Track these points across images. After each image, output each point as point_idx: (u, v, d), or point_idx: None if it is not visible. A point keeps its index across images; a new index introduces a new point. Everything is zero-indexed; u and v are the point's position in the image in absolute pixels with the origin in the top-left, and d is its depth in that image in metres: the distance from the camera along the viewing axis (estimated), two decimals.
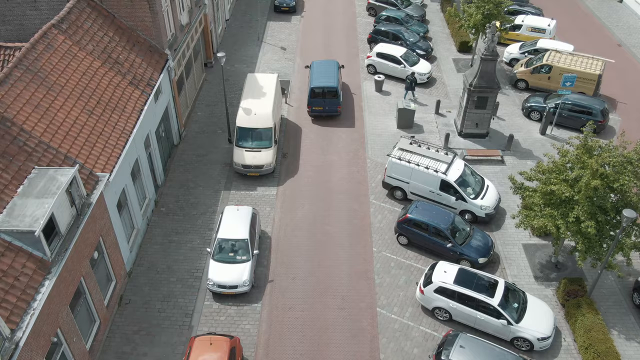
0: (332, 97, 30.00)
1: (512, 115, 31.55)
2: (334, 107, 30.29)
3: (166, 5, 26.37)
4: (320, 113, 30.56)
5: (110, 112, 21.10)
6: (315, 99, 30.12)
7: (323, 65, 31.91)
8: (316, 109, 30.38)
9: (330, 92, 29.96)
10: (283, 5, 42.26)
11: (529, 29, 37.30)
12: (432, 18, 42.26)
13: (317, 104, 30.17)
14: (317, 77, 30.58)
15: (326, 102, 30.10)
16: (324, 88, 29.92)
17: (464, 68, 35.89)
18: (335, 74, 30.84)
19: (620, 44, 39.13)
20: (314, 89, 30.00)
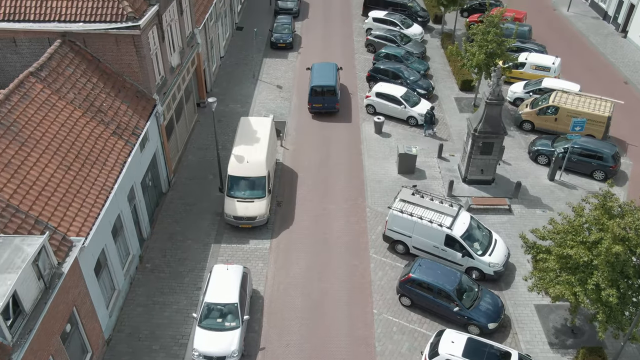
0: (330, 96, 32.76)
1: (518, 159, 30.09)
2: (333, 105, 33.00)
3: (155, 47, 25.10)
4: (320, 110, 33.30)
5: (90, 167, 19.58)
6: (315, 97, 32.86)
7: (323, 66, 34.64)
8: (316, 106, 33.15)
9: (329, 91, 32.64)
10: (280, 41, 41.20)
11: (532, 67, 36.11)
12: (432, 54, 41.18)
13: (317, 101, 32.96)
14: (317, 77, 33.33)
15: (325, 99, 32.89)
16: (324, 87, 32.65)
17: (466, 108, 34.59)
18: (334, 75, 33.60)
19: (627, 81, 37.95)
20: (314, 87, 32.67)
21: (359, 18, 46.84)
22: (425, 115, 31.70)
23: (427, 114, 31.54)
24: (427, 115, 31.57)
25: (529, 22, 44.54)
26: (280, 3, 46.46)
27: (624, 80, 38.00)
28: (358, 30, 44.80)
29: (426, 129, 31.77)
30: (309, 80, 34.77)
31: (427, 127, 31.75)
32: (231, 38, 42.86)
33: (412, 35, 41.78)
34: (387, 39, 40.51)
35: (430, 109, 31.74)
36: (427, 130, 31.74)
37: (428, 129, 31.77)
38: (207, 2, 34.88)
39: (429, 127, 31.80)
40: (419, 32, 42.44)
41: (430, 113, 31.53)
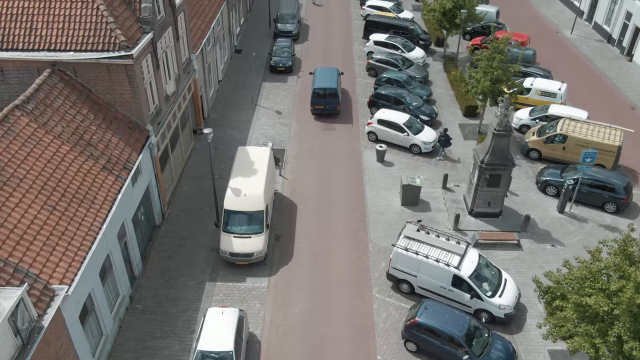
0: (332, 98, 34.24)
1: (526, 189, 29.02)
2: (334, 106, 34.50)
3: (149, 76, 24.15)
4: (322, 111, 34.71)
5: (77, 206, 18.46)
6: (317, 99, 34.32)
7: (325, 71, 36.43)
8: (318, 108, 34.58)
9: (331, 93, 34.17)
10: (279, 65, 40.35)
11: (538, 93, 35.20)
12: (434, 78, 40.32)
13: (320, 103, 34.45)
14: (320, 81, 34.99)
15: (327, 101, 34.38)
16: (325, 89, 34.27)
17: (470, 135, 33.61)
18: (336, 79, 35.18)
19: (634, 107, 37.04)
20: (316, 90, 34.21)
21: (360, 41, 46.11)
22: (440, 138, 31.12)
23: (441, 136, 31.02)
24: (441, 137, 31.00)
25: (532, 45, 43.81)
26: (280, 25, 45.74)
27: (631, 106, 37.10)
28: (359, 54, 44.02)
29: (441, 152, 31.27)
30: (311, 84, 36.34)
31: (442, 150, 31.28)
32: (230, 61, 42.03)
33: (414, 59, 40.98)
34: (389, 63, 39.67)
35: (443, 131, 31.27)
36: (441, 153, 31.32)
37: (442, 152, 31.34)
38: (205, 26, 34.07)
39: (443, 149, 31.37)
40: (421, 55, 41.65)
41: (445, 135, 30.93)
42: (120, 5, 23.27)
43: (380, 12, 48.08)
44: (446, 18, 40.06)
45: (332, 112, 34.76)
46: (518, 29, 47.91)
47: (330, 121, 34.93)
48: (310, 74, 38.21)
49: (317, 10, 52.39)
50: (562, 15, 52.75)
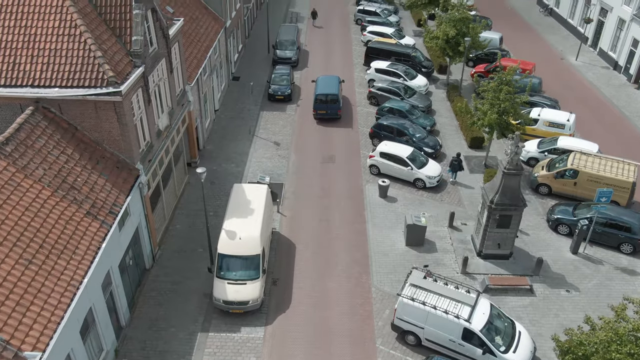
0: (333, 103, 36.21)
1: (536, 227, 27.59)
2: (335, 111, 36.47)
3: (140, 112, 22.87)
4: (324, 116, 36.60)
5: (56, 258, 17.01)
6: (320, 105, 36.29)
7: (327, 79, 38.53)
8: (320, 113, 36.50)
9: (332, 99, 36.11)
10: (277, 93, 39.20)
11: (546, 124, 33.96)
12: (438, 108, 39.14)
13: (322, 108, 36.41)
14: (322, 87, 36.98)
15: (329, 106, 36.35)
16: (327, 95, 36.24)
17: (477, 168, 32.28)
18: (337, 86, 37.21)
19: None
20: (319, 96, 36.25)
21: (361, 67, 45.06)
22: (452, 162, 30.52)
23: (454, 160, 30.49)
24: (454, 161, 30.45)
25: (537, 73, 42.75)
26: (279, 52, 44.73)
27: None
28: (360, 81, 42.92)
29: (453, 177, 30.84)
30: (314, 91, 38.13)
31: (454, 175, 30.81)
32: (227, 89, 40.89)
33: (416, 87, 39.87)
34: (391, 92, 38.51)
35: (456, 155, 30.76)
36: (453, 177, 30.92)
37: (454, 176, 30.89)
38: (201, 55, 32.96)
39: (455, 174, 30.88)
40: (424, 83, 40.55)
41: (458, 159, 30.43)
42: (109, 38, 22.11)
43: (382, 39, 47.13)
44: (449, 46, 39.03)
45: (334, 117, 36.64)
46: (522, 56, 46.85)
47: (331, 154, 33.66)
48: (312, 81, 40.30)
49: (317, 35, 51.48)
50: (566, 41, 51.85)
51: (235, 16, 43.21)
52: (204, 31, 35.20)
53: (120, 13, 22.57)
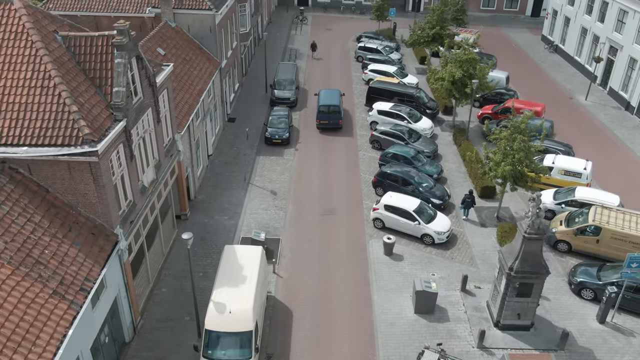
0: (335, 114, 38.91)
1: (557, 291, 25.13)
2: (337, 121, 38.98)
3: (120, 170, 20.67)
4: (326, 125, 39.08)
5: (12, 353, 14.52)
6: (322, 115, 38.89)
7: (329, 92, 41.07)
8: (323, 122, 39.02)
9: (334, 110, 38.87)
10: (275, 137, 37.13)
11: (561, 172, 31.80)
12: (444, 152, 37.04)
13: (324, 118, 38.94)
14: (324, 99, 39.69)
15: (330, 116, 38.87)
16: (329, 106, 38.93)
17: (489, 221, 29.97)
18: (338, 98, 40.06)
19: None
20: (321, 107, 38.99)
21: (362, 108, 43.15)
22: (465, 199, 29.81)
23: (466, 197, 29.78)
24: (466, 198, 29.74)
25: (547, 115, 40.77)
26: (277, 92, 42.87)
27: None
28: (361, 123, 40.94)
29: (465, 214, 30.10)
30: (316, 103, 40.73)
31: (466, 212, 30.08)
32: (222, 132, 38.85)
33: (421, 130, 37.88)
34: (394, 136, 36.45)
35: (469, 192, 30.04)
36: (466, 214, 30.15)
37: (466, 214, 30.14)
38: (193, 100, 30.97)
39: (468, 211, 30.14)
40: (429, 126, 38.56)
41: (471, 196, 29.75)
42: (88, 89, 20.04)
43: (383, 78, 45.39)
44: (455, 87, 37.15)
45: (335, 127, 39.00)
46: (530, 96, 45.15)
47: (332, 206, 31.39)
48: (315, 94, 42.67)
49: (317, 72, 49.74)
50: (574, 79, 50.18)
51: (232, 55, 41.49)
52: (197, 73, 33.31)
53: (101, 62, 20.58)
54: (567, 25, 54.65)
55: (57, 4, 35.46)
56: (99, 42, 20.64)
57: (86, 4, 35.42)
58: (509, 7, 68.93)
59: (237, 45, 43.51)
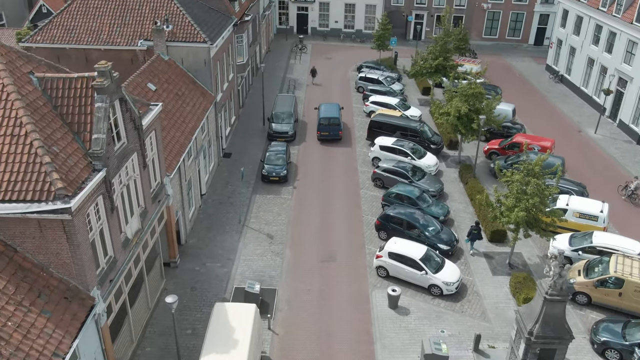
0: (335, 126, 40.80)
1: (579, 350, 23.01)
2: (336, 132, 40.85)
3: (99, 224, 18.76)
4: (326, 137, 40.88)
5: None
6: (323, 127, 40.82)
7: (329, 105, 43.08)
8: (323, 134, 40.87)
9: (334, 122, 40.84)
10: (272, 174, 35.30)
11: (576, 215, 29.89)
12: (450, 190, 35.16)
13: (324, 130, 40.84)
14: (325, 112, 41.63)
15: (331, 128, 40.75)
16: (329, 118, 40.90)
17: (500, 268, 27.97)
18: (338, 111, 42.02)
19: None
20: (322, 120, 40.98)
21: (363, 142, 41.44)
22: (471, 232, 28.63)
23: (473, 230, 28.63)
24: (473, 230, 28.58)
25: (557, 150, 38.99)
26: (275, 126, 41.19)
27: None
28: (362, 158, 39.17)
29: (472, 247, 29.02)
30: (317, 117, 42.65)
31: (472, 245, 28.99)
32: (217, 168, 37.04)
33: (425, 167, 36.07)
34: (397, 173, 34.61)
35: (475, 224, 28.85)
36: (472, 248, 29.06)
37: (473, 247, 29.05)
38: (185, 138, 29.20)
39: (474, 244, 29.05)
40: (433, 163, 36.76)
41: (477, 228, 28.60)
42: (64, 136, 18.26)
43: (385, 110, 43.80)
44: (461, 122, 35.45)
45: (335, 138, 40.83)
46: (536, 128, 43.57)
47: (332, 251, 29.39)
48: (315, 108, 44.68)
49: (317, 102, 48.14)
50: (581, 111, 48.64)
51: (228, 87, 39.94)
52: (190, 109, 31.63)
53: (80, 106, 18.84)
54: (572, 55, 53.36)
55: (45, 36, 33.93)
56: (77, 84, 18.93)
57: (76, 37, 33.89)
58: (511, 35, 67.82)
59: (233, 76, 42.01)
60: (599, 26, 48.11)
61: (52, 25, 34.34)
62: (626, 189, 34.40)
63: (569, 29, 53.92)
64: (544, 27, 66.59)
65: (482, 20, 67.04)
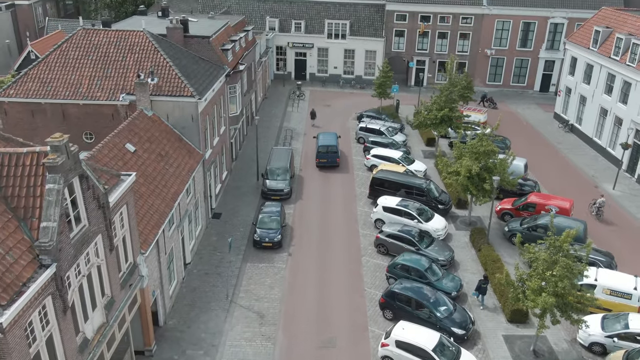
0: (332, 153, 42.59)
1: None
2: (334, 159, 42.69)
3: (47, 331, 15.37)
4: (325, 164, 42.76)
5: None
6: (321, 154, 42.65)
7: (326, 134, 44.95)
8: (322, 161, 42.73)
9: (332, 150, 42.64)
10: (265, 240, 32.00)
11: (606, 292, 26.50)
12: (461, 258, 31.81)
13: (323, 157, 42.68)
14: (323, 140, 43.65)
15: (329, 155, 42.60)
16: (327, 146, 42.74)
17: (524, 356, 24.39)
18: (335, 139, 43.90)
19: None
20: (320, 147, 42.85)
21: (365, 200, 38.32)
22: (480, 285, 27.44)
23: (481, 284, 27.42)
24: (481, 284, 27.37)
25: (575, 211, 35.76)
26: (269, 182, 38.15)
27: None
28: (364, 219, 35.95)
29: (481, 301, 27.63)
30: (315, 145, 44.79)
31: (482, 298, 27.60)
32: (204, 231, 33.77)
33: (433, 231, 32.82)
34: (403, 239, 31.32)
35: (484, 278, 27.89)
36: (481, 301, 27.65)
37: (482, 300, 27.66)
38: (166, 206, 26.04)
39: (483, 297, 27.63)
40: (442, 226, 33.53)
41: (486, 282, 27.52)
42: (6, 225, 15.12)
43: (388, 164, 40.83)
44: (472, 182, 32.40)
45: (333, 165, 42.78)
46: (550, 184, 40.62)
47: (331, 336, 25.82)
48: (314, 137, 47.15)
49: (313, 156, 45.28)
50: (596, 163, 45.77)
51: (219, 142, 37.09)
52: (173, 171, 28.60)
53: (28, 187, 15.77)
54: (583, 104, 50.86)
55: (19, 90, 31.17)
56: (27, 160, 15.92)
57: (52, 91, 31.14)
58: (516, 82, 65.69)
59: (225, 129, 39.23)
60: (612, 75, 45.73)
61: (28, 77, 31.64)
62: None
63: (578, 77, 51.60)
64: (550, 73, 64.52)
65: (486, 66, 65.02)
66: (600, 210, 36.57)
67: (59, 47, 32.72)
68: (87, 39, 32.86)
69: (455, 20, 63.11)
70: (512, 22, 62.43)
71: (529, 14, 61.80)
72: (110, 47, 32.68)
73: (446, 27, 63.50)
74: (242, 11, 65.21)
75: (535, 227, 32.34)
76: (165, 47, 33.30)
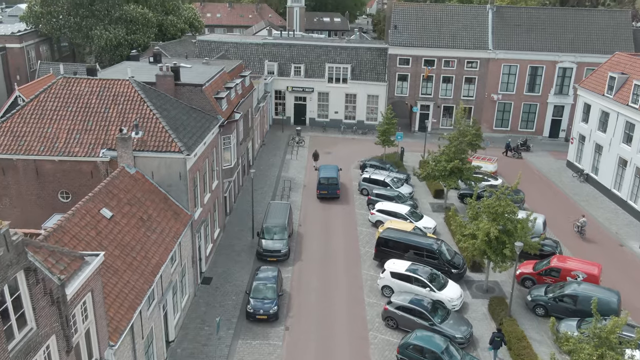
0: (333, 185, 43.71)
1: None
2: (334, 191, 43.72)
3: None
4: (325, 195, 43.61)
5: None
6: (322, 186, 43.77)
7: (327, 167, 46.03)
8: (322, 192, 43.68)
9: (332, 182, 43.73)
10: (259, 312, 28.48)
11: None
12: (481, 334, 28.22)
13: (323, 189, 43.74)
14: (324, 173, 44.77)
15: (329, 187, 43.72)
16: (328, 179, 43.88)
17: None
18: (336, 172, 44.95)
19: None
20: (321, 179, 44.09)
21: (370, 262, 34.90)
22: (494, 339, 26.09)
23: (495, 337, 26.11)
24: (495, 337, 26.09)
25: (604, 278, 32.27)
26: (265, 242, 34.79)
27: None
28: (370, 284, 32.47)
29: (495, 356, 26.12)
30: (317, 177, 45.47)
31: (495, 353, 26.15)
32: (192, 300, 30.26)
33: (448, 301, 29.38)
34: (415, 312, 27.82)
35: (497, 331, 26.66)
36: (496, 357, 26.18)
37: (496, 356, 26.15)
38: (144, 281, 22.61)
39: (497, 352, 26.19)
40: (457, 295, 30.07)
41: (500, 335, 26.17)
42: None
43: (394, 221, 37.59)
44: (491, 247, 29.11)
45: (333, 196, 43.61)
46: (570, 243, 37.27)
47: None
48: (315, 169, 48.60)
49: (315, 214, 42.00)
50: (617, 218, 42.56)
51: (210, 198, 33.94)
52: (155, 238, 25.32)
53: None
54: (599, 152, 48.01)
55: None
56: None
57: (25, 146, 28.21)
58: (524, 127, 63.10)
59: (218, 184, 36.15)
60: (631, 124, 43.03)
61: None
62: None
63: (592, 125, 48.93)
64: (559, 118, 62.07)
65: (493, 111, 62.57)
66: (583, 230, 38.97)
67: (36, 97, 29.98)
68: (68, 89, 30.18)
69: (460, 64, 61.03)
70: (519, 67, 60.38)
71: (536, 58, 59.77)
72: (92, 97, 29.97)
73: (451, 71, 61.38)
74: (240, 55, 63.26)
75: (562, 296, 28.96)
76: (152, 97, 30.57)
